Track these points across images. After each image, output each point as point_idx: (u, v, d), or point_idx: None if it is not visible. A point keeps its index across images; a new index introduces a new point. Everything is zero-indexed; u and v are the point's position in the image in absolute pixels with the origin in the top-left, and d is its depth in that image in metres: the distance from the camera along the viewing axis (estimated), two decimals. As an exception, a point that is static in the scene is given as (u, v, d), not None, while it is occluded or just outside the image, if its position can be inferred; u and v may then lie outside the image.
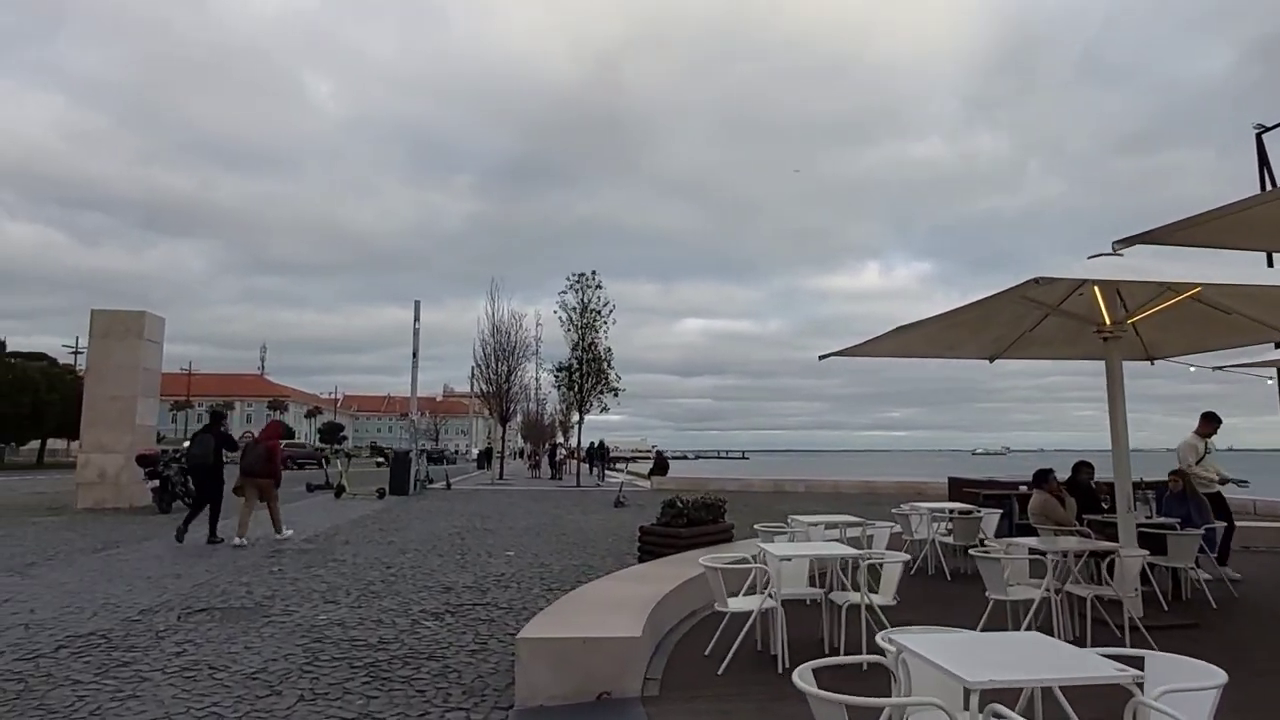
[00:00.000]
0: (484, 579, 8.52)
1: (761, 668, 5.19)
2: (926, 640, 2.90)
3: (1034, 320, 7.92)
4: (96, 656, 5.32)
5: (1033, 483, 8.37)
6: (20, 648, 5.49)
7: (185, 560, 9.49)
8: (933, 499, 20.39)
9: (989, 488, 11.13)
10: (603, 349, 30.99)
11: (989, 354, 8.82)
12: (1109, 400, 6.98)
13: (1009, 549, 6.19)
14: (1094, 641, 5.76)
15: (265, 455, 11.52)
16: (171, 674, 4.97)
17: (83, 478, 16.75)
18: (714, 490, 16.46)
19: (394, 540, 11.82)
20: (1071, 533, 7.54)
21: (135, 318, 17.53)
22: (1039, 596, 5.54)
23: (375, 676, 4.99)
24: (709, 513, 9.01)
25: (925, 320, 7.11)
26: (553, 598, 7.55)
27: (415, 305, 25.67)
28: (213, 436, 11.68)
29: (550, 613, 5.47)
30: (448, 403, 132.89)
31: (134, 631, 6.00)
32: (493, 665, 5.30)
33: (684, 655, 5.51)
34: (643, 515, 16.83)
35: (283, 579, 8.31)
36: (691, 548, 8.56)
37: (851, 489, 27.86)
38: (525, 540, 12.12)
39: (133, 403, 17.08)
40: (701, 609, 6.95)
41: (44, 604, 6.94)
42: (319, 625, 6.28)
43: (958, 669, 2.49)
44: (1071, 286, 6.95)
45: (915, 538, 9.16)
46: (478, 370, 35.39)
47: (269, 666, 5.14)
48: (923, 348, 8.50)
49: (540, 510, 18.01)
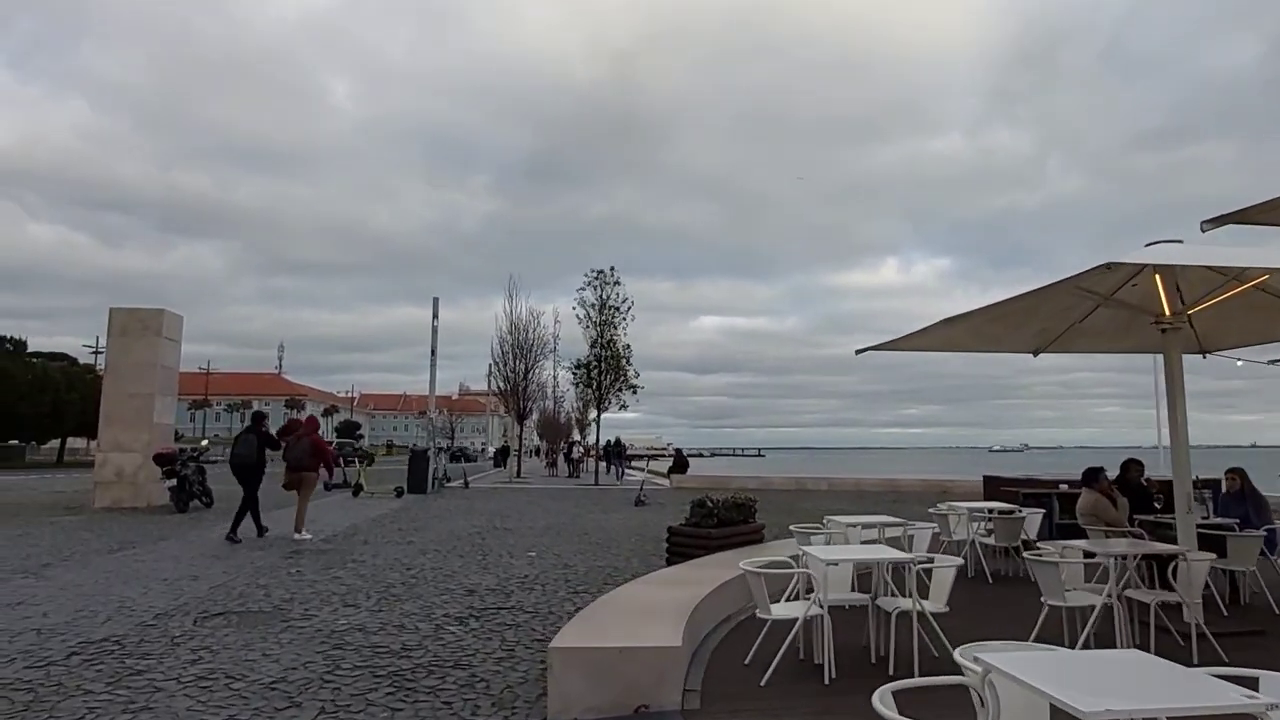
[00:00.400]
0: (507, 581, 8.26)
1: (806, 678, 4.89)
2: (1017, 660, 2.59)
3: (1084, 311, 7.55)
4: (109, 664, 5.09)
5: (1081, 481, 8.00)
6: (32, 655, 5.28)
7: (202, 561, 9.30)
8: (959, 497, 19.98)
9: (1028, 486, 10.75)
10: (621, 346, 30.75)
11: (1034, 347, 8.45)
12: (1168, 395, 6.62)
13: (1064, 552, 5.84)
14: (1157, 651, 5.42)
15: (311, 449, 11.57)
16: (186, 683, 4.73)
17: (100, 476, 16.66)
18: (736, 489, 16.20)
19: (413, 540, 11.59)
20: (1123, 534, 7.19)
21: (154, 315, 17.43)
22: (1100, 603, 5.20)
23: (399, 687, 4.72)
24: (739, 512, 8.71)
25: (972, 312, 6.78)
26: (579, 601, 7.29)
27: (434, 302, 25.48)
28: (256, 436, 11.77)
29: (582, 620, 5.19)
30: (464, 401, 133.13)
31: (148, 637, 5.78)
32: (521, 674, 5.03)
33: (723, 664, 5.22)
34: (664, 514, 16.57)
35: (301, 581, 8.09)
36: (722, 549, 8.27)
37: (875, 487, 27.46)
38: (547, 540, 11.86)
39: (150, 400, 16.97)
40: (737, 614, 6.66)
41: (57, 607, 6.74)
42: (339, 630, 6.03)
43: (1068, 697, 2.18)
44: (1129, 274, 6.59)
45: (954, 538, 8.81)
46: (495, 368, 35.22)
47: (288, 676, 4.89)
48: (966, 341, 8.14)
49: (560, 509, 17.76)
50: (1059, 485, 10.75)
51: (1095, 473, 8.08)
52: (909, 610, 4.94)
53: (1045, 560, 5.36)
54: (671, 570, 7.53)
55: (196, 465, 16.40)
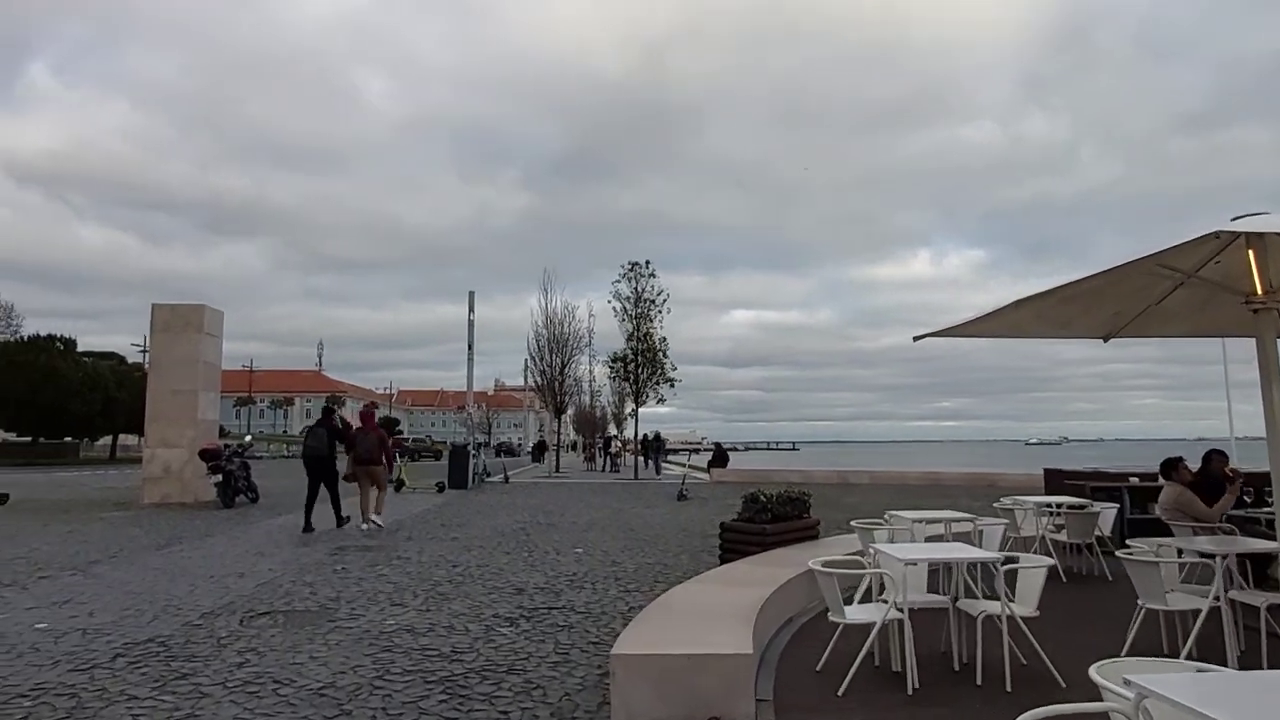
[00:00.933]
0: (555, 579, 8.01)
1: (887, 687, 4.55)
2: (1179, 684, 2.23)
3: (1163, 291, 7.04)
4: (154, 667, 4.93)
5: (1160, 473, 7.50)
6: (76, 656, 5.14)
7: (248, 558, 9.21)
8: (1007, 490, 19.30)
9: (1096, 479, 10.23)
10: (658, 339, 30.44)
11: (1104, 332, 7.93)
12: (1262, 381, 6.09)
13: (1159, 550, 5.41)
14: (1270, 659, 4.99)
15: (378, 443, 12.02)
16: (233, 688, 4.54)
17: (149, 473, 16.80)
18: (778, 482, 15.78)
19: (457, 536, 11.42)
20: (1212, 530, 6.69)
21: (194, 311, 17.52)
22: (1206, 606, 4.77)
23: (452, 694, 4.48)
24: (793, 507, 8.35)
25: (1044, 293, 6.31)
26: (631, 600, 7.02)
27: (470, 296, 25.41)
28: (326, 429, 12.14)
29: (642, 623, 4.90)
30: (500, 396, 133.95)
31: (194, 638, 5.62)
32: (579, 680, 4.76)
33: (793, 671, 4.90)
34: (707, 509, 16.26)
35: (347, 578, 7.92)
36: (777, 545, 7.94)
37: (917, 480, 26.81)
38: (592, 536, 11.61)
39: (194, 396, 17.06)
40: (799, 615, 6.34)
41: (104, 605, 6.64)
42: (387, 631, 5.83)
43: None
44: (1217, 249, 6.09)
45: (1021, 534, 8.36)
46: (531, 362, 35.14)
47: (337, 681, 4.68)
48: (1033, 326, 7.64)
49: (601, 504, 17.54)
50: (1129, 478, 10.22)
51: (1174, 463, 7.57)
52: (996, 614, 4.56)
53: (1145, 559, 4.94)
54: (727, 568, 7.21)
55: (241, 461, 16.48)
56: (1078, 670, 4.75)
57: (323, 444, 12.02)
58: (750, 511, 8.25)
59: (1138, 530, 9.02)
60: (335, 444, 12.13)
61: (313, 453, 12.04)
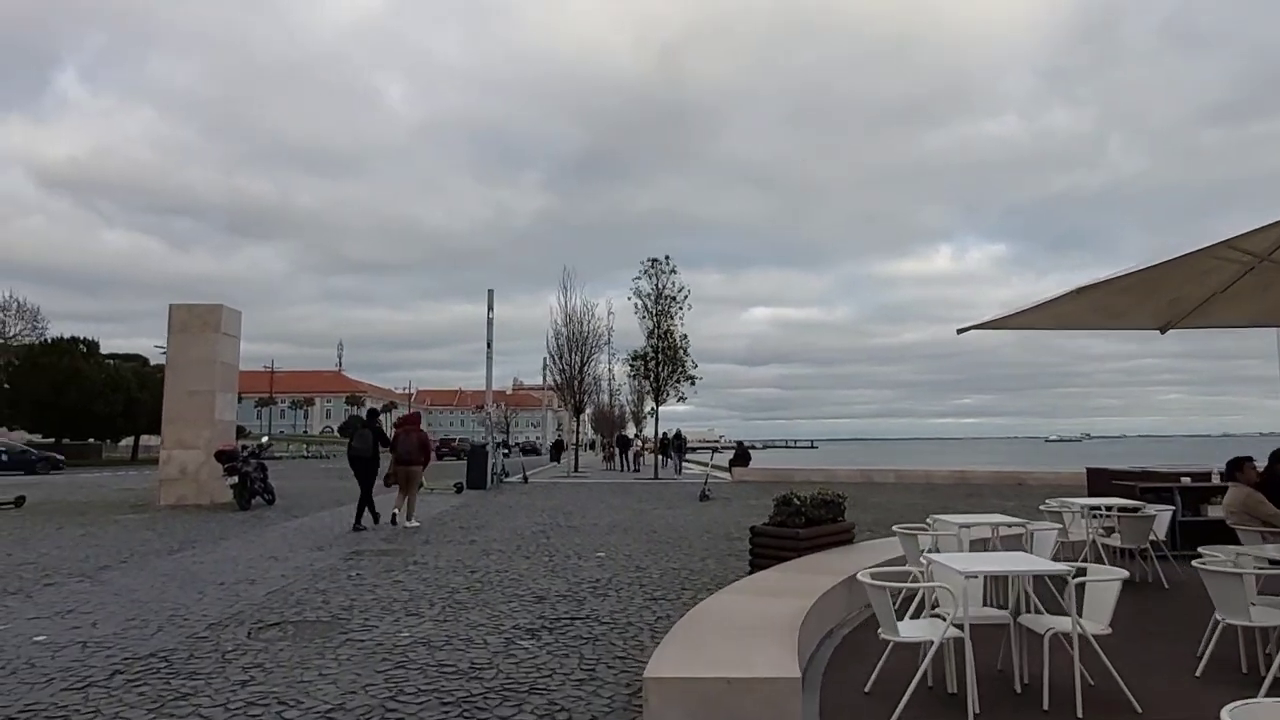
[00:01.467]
0: (578, 586, 7.65)
1: (945, 712, 4.13)
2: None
3: (1230, 277, 6.57)
4: (153, 685, 4.61)
5: (1225, 474, 7.03)
6: (72, 673, 4.83)
7: (261, 563, 8.92)
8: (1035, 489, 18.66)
9: (1145, 479, 9.71)
10: (679, 336, 30.03)
11: (1161, 323, 7.49)
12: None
13: (1238, 559, 4.96)
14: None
15: (419, 444, 12.63)
16: (235, 710, 4.20)
17: (165, 474, 16.63)
18: (800, 481, 15.37)
19: (475, 540, 11.09)
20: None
21: (212, 311, 17.34)
22: (1296, 622, 4.32)
23: (471, 717, 4.11)
24: (828, 510, 7.93)
25: (1105, 281, 5.93)
26: (658, 609, 6.64)
27: (488, 294, 25.10)
28: (371, 432, 12.58)
29: (675, 641, 4.51)
30: (518, 396, 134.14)
31: (198, 652, 5.31)
32: (606, 701, 4.38)
33: (840, 693, 4.49)
34: (730, 510, 15.86)
35: (361, 585, 7.60)
36: (811, 551, 7.52)
37: (944, 479, 26.23)
38: (614, 539, 11.24)
39: (211, 397, 16.88)
40: (838, 627, 5.94)
41: (107, 616, 6.35)
42: (401, 645, 5.48)
43: None
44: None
45: (1070, 539, 7.89)
46: (550, 361, 34.82)
47: (346, 702, 4.33)
48: (1084, 317, 7.23)
49: (622, 505, 17.16)
50: (1180, 478, 9.70)
51: (1239, 463, 7.10)
52: (1066, 631, 4.14)
53: (1227, 570, 4.49)
54: (759, 577, 6.80)
55: (258, 462, 16.26)
56: (1152, 690, 4.33)
57: (368, 445, 12.43)
58: (783, 515, 7.84)
59: (1190, 534, 8.52)
60: (379, 446, 12.56)
61: (357, 454, 12.44)
